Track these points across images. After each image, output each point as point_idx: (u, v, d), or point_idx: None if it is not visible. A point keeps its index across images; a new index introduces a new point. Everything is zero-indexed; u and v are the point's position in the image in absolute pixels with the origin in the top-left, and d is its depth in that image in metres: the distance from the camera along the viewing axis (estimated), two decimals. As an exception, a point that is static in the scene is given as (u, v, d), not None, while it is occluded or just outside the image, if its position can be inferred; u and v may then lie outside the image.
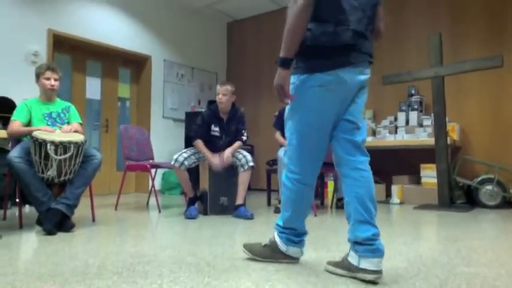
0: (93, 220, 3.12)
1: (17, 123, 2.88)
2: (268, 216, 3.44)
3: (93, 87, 5.57)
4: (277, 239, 1.84)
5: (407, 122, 5.01)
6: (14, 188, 3.68)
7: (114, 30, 5.51)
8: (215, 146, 3.53)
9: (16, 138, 2.97)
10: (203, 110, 5.04)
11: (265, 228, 2.84)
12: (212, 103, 3.64)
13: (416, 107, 5.04)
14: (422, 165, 4.68)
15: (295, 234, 1.81)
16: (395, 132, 5.00)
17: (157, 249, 2.18)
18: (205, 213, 3.55)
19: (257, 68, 6.85)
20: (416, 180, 4.85)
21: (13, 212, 3.54)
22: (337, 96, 1.62)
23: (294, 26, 1.53)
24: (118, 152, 5.61)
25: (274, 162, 4.51)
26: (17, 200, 3.19)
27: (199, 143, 3.48)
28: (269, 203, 4.41)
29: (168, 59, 6.24)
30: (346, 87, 1.61)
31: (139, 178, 5.94)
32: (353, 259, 1.59)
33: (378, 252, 1.55)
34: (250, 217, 3.30)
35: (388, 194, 4.88)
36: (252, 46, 6.97)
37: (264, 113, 6.50)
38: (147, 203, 4.44)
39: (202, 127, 3.52)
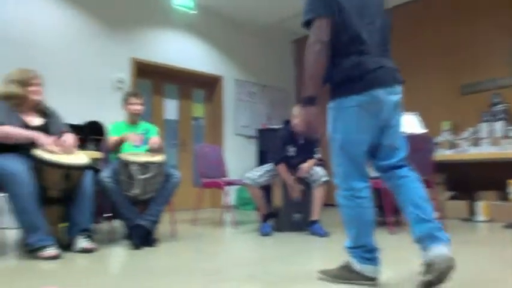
0: (174, 235, 3.30)
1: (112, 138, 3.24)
2: (343, 234, 3.38)
3: (170, 108, 5.94)
4: (351, 260, 1.83)
5: (490, 134, 4.66)
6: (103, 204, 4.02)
7: (188, 54, 5.84)
8: (289, 164, 3.55)
9: (106, 159, 3.27)
10: (276, 127, 5.07)
11: (340, 247, 2.79)
12: (287, 123, 3.67)
13: (501, 116, 4.68)
14: (509, 181, 4.31)
15: (366, 251, 1.80)
16: (477, 145, 4.67)
17: (233, 266, 2.25)
18: (279, 230, 3.58)
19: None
20: (503, 196, 4.47)
21: (103, 226, 3.84)
22: (373, 114, 1.73)
23: (314, 67, 1.69)
24: (194, 169, 5.86)
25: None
26: (106, 215, 3.49)
27: (282, 168, 3.49)
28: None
29: (239, 78, 6.46)
30: (381, 105, 1.73)
31: (215, 194, 6.15)
32: (424, 257, 1.63)
33: (441, 240, 1.61)
34: (325, 235, 3.27)
35: (472, 211, 4.56)
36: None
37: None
38: (222, 218, 4.59)
39: (283, 150, 3.56)
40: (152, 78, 5.71)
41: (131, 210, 2.91)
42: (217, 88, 6.28)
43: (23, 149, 2.56)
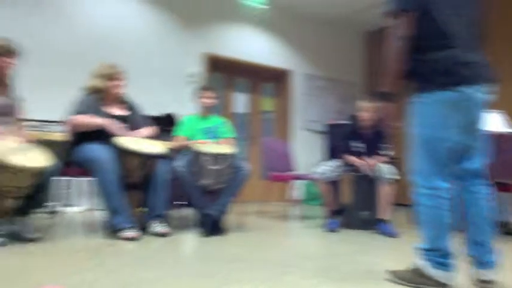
0: (241, 226, 3.39)
1: (179, 138, 3.41)
2: (412, 236, 3.26)
3: (240, 102, 6.08)
4: (423, 263, 1.76)
5: None
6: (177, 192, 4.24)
7: (258, 48, 5.93)
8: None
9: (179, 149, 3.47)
10: (344, 123, 4.99)
11: (409, 248, 2.69)
12: (354, 118, 3.60)
13: None
14: None
15: (441, 255, 1.72)
16: None
17: (298, 260, 2.27)
18: (346, 227, 3.53)
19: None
20: None
21: (177, 213, 4.05)
22: (460, 111, 1.67)
23: (394, 62, 1.68)
24: (262, 162, 5.97)
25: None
26: (179, 202, 3.68)
27: (347, 157, 3.48)
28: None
29: (308, 72, 6.42)
30: (469, 103, 1.66)
31: (282, 188, 6.19)
32: (472, 271, 1.75)
33: (486, 266, 1.70)
34: (393, 235, 3.17)
35: None
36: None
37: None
38: (289, 212, 4.62)
39: (346, 146, 3.53)
40: (224, 72, 5.88)
41: (202, 200, 3.04)
42: (286, 82, 6.30)
43: (106, 137, 2.79)
